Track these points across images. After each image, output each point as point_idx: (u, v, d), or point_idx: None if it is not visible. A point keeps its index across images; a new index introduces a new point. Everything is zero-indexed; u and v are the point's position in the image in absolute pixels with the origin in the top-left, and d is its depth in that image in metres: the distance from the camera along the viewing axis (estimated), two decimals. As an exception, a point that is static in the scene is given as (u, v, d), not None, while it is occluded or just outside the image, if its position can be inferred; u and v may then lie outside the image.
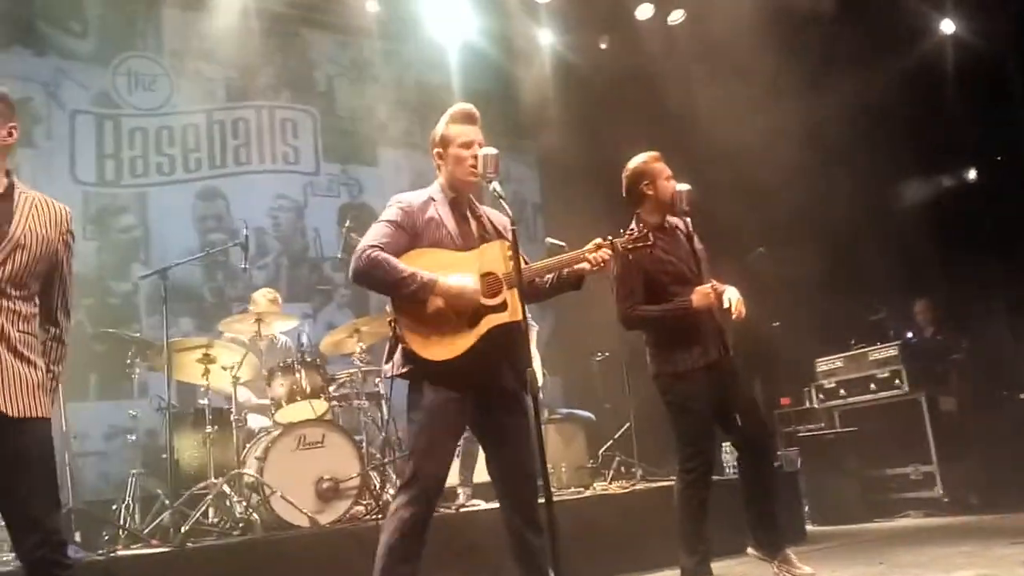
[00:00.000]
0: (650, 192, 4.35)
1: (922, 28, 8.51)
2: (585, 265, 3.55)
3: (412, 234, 3.47)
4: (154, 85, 7.71)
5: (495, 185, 3.59)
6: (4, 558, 4.41)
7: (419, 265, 3.38)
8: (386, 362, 3.56)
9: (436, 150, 3.64)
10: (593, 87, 8.96)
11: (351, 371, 5.83)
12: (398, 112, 8.91)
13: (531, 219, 9.26)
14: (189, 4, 7.78)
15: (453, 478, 5.74)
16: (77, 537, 4.95)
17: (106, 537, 4.98)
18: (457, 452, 5.70)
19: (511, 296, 3.38)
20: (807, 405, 7.89)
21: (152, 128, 7.65)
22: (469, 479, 5.98)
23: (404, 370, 3.44)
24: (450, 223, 3.52)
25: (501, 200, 3.57)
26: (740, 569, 4.80)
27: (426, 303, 3.37)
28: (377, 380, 5.93)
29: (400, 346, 3.45)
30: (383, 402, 5.87)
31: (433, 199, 3.58)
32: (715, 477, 6.10)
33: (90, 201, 7.24)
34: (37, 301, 3.06)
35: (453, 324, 3.38)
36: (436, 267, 3.38)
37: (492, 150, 3.65)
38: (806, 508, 6.83)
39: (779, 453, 6.92)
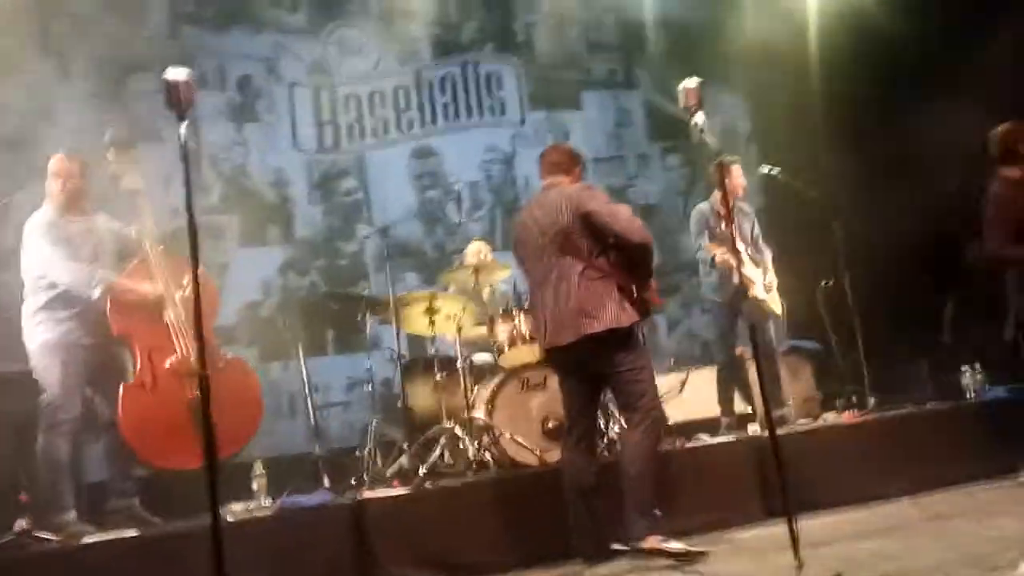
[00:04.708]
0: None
1: None
2: None
3: None
4: (364, 50, 8.01)
5: (698, 118, 3.53)
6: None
7: None
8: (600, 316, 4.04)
9: None
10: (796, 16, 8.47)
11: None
12: (599, 53, 8.82)
13: (743, 148, 8.91)
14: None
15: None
16: (326, 482, 5.31)
17: (353, 481, 5.31)
18: None
19: None
20: None
21: (364, 93, 7.96)
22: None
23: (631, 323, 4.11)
24: None
25: (704, 134, 3.52)
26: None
27: None
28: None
29: (628, 302, 4.09)
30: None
31: None
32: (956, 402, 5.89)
33: (313, 168, 7.65)
34: None
35: None
36: None
37: (693, 82, 3.55)
38: None
39: None
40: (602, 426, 5.30)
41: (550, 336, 4.24)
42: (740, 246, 6.04)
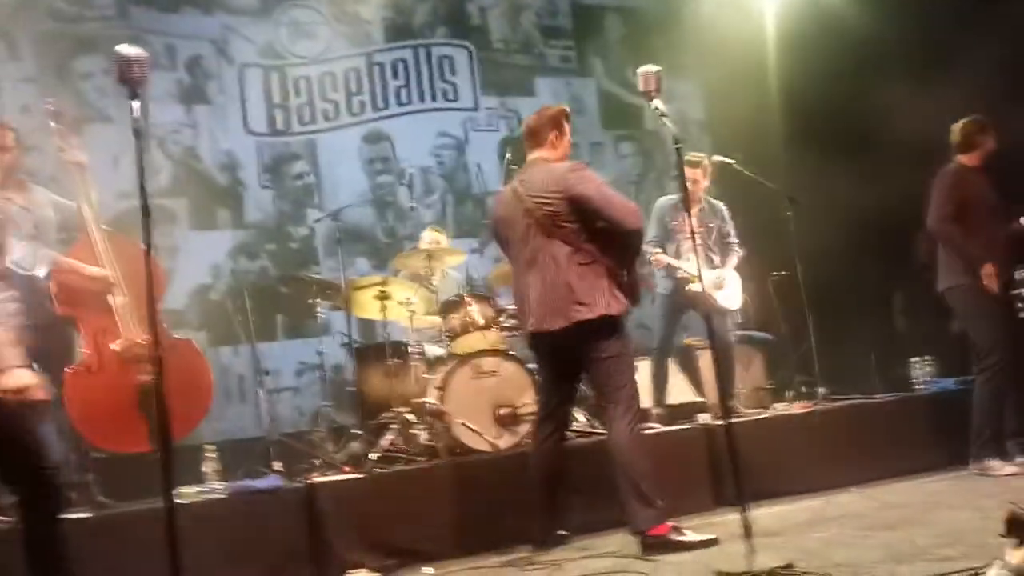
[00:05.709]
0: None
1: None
2: None
3: None
4: (315, 33, 7.90)
5: (657, 103, 3.55)
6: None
7: None
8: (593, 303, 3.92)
9: None
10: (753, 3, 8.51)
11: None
12: (554, 39, 8.81)
13: (696, 137, 8.98)
14: (344, -52, 7.87)
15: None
16: (278, 466, 5.28)
17: (304, 466, 5.28)
18: None
19: None
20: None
21: (315, 75, 7.85)
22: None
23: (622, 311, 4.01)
24: None
25: (664, 118, 3.56)
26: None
27: None
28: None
29: (618, 288, 3.97)
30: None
31: None
32: (905, 393, 6.00)
33: (264, 151, 7.52)
34: None
35: None
36: None
37: (653, 67, 3.58)
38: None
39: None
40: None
41: (537, 321, 4.07)
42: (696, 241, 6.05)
